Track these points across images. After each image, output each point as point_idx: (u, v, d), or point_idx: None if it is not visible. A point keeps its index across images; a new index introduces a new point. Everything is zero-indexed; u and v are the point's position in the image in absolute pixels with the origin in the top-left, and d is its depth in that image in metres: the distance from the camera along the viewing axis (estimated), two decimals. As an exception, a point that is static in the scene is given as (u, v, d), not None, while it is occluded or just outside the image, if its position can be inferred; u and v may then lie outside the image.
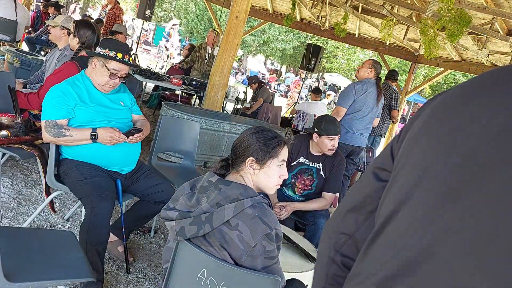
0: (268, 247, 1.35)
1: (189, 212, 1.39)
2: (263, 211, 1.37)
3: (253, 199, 1.38)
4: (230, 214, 1.33)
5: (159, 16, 25.16)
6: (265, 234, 1.34)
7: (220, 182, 1.43)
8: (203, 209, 1.37)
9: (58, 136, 2.16)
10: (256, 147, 1.51)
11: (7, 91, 2.65)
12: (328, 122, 2.78)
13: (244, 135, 1.55)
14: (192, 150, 3.21)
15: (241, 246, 1.33)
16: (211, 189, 1.41)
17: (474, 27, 5.15)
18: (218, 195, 1.38)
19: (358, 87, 3.85)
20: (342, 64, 23.50)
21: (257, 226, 1.33)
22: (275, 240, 1.38)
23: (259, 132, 1.56)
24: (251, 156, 1.51)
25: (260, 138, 1.53)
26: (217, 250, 1.36)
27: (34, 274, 1.48)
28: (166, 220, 1.45)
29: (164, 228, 3.07)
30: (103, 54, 2.26)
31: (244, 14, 4.79)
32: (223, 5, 8.68)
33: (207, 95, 5.03)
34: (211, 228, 1.34)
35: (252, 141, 1.52)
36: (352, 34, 9.05)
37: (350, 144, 3.95)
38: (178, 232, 1.38)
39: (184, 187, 1.49)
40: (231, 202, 1.36)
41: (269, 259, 1.36)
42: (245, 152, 1.51)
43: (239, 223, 1.33)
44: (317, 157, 2.87)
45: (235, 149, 1.54)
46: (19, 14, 6.16)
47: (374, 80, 3.93)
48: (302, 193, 2.89)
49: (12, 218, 2.57)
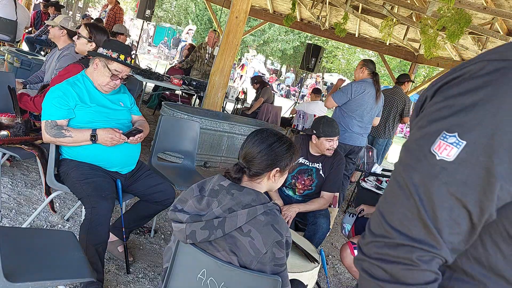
0: (278, 254, 1.35)
1: (200, 216, 1.38)
2: (275, 218, 1.37)
3: (265, 205, 1.37)
4: (243, 220, 1.33)
5: (159, 16, 25.16)
6: (276, 242, 1.34)
7: (232, 187, 1.41)
8: (215, 213, 1.36)
9: (58, 136, 2.16)
10: (282, 157, 1.50)
11: (7, 91, 2.66)
12: (327, 124, 2.78)
13: (265, 145, 1.48)
14: (192, 150, 3.21)
15: (252, 252, 1.32)
16: (222, 193, 1.40)
17: (474, 27, 5.15)
18: (231, 200, 1.37)
19: (356, 87, 3.91)
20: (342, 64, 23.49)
21: (269, 233, 1.33)
22: (285, 247, 1.38)
23: (280, 139, 1.52)
24: (278, 167, 1.50)
25: (283, 147, 1.51)
26: (223, 255, 1.35)
27: (34, 274, 1.48)
28: (174, 222, 1.42)
29: (164, 228, 3.07)
30: (106, 54, 2.26)
31: (244, 14, 4.79)
32: (223, 5, 8.69)
33: (207, 95, 5.03)
34: (222, 234, 1.33)
35: (279, 151, 1.49)
36: (352, 34, 9.05)
37: (348, 143, 3.96)
38: (189, 235, 1.36)
39: (193, 189, 1.47)
40: (243, 208, 1.35)
41: (278, 266, 1.36)
42: (274, 164, 1.48)
43: (251, 230, 1.33)
44: (317, 157, 2.88)
45: (259, 162, 1.47)
46: (19, 14, 6.17)
47: (371, 80, 3.98)
48: (302, 193, 2.89)
49: (12, 218, 2.57)
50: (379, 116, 4.20)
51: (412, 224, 0.68)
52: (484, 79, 0.66)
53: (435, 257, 0.68)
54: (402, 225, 0.69)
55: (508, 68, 0.65)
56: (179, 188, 2.76)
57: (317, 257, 2.15)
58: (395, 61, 17.91)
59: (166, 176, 2.81)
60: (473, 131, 0.64)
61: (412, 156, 0.71)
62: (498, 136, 0.63)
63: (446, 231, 0.67)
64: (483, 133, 0.64)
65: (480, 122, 0.64)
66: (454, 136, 0.66)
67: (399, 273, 0.68)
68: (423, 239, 0.67)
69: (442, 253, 0.68)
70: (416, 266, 0.67)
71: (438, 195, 0.66)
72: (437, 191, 0.66)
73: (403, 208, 0.69)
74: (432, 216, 0.67)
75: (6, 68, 4.85)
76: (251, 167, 1.47)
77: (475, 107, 0.65)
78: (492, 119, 0.63)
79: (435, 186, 0.66)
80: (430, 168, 0.67)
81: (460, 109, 0.66)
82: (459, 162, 0.65)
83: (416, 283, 0.68)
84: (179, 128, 3.21)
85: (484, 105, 0.64)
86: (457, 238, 0.68)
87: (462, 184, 0.65)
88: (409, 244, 0.68)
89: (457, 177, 0.65)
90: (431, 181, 0.67)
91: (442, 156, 0.66)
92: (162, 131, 3.03)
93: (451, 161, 0.65)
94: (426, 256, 0.67)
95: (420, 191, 0.68)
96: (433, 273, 0.68)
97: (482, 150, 0.64)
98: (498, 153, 0.63)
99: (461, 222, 0.67)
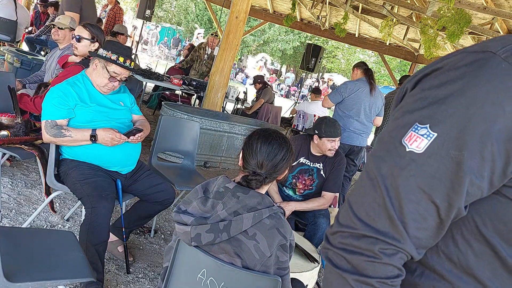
0: (281, 257, 1.35)
1: (205, 218, 1.37)
2: (280, 222, 1.37)
3: (270, 209, 1.37)
4: (248, 224, 1.33)
5: (159, 16, 25.16)
6: (280, 245, 1.34)
7: (238, 189, 1.40)
8: (220, 216, 1.35)
9: (58, 136, 2.16)
10: (291, 157, 1.51)
11: (7, 91, 2.66)
12: (329, 125, 2.79)
13: (279, 149, 1.46)
14: (192, 150, 3.21)
15: (257, 256, 1.32)
16: (227, 196, 1.38)
17: (474, 27, 5.16)
18: (236, 203, 1.36)
19: (350, 85, 3.99)
20: (342, 64, 23.50)
21: (274, 237, 1.33)
22: (288, 250, 1.38)
23: (287, 141, 1.51)
24: (288, 168, 1.51)
25: (290, 147, 1.50)
26: (226, 256, 1.35)
27: (34, 274, 1.48)
28: (178, 224, 1.41)
29: (164, 228, 3.07)
30: (105, 56, 2.26)
31: (244, 14, 4.79)
32: (223, 5, 8.69)
33: (207, 95, 5.03)
34: (228, 237, 1.33)
35: (288, 154, 1.49)
36: (352, 34, 9.05)
37: (346, 143, 3.97)
38: (194, 238, 1.35)
39: (197, 190, 1.45)
40: (248, 211, 1.34)
41: (281, 269, 1.36)
42: (284, 166, 1.48)
43: (257, 233, 1.33)
44: (318, 157, 2.88)
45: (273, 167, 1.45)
46: (19, 14, 6.17)
47: (365, 78, 4.05)
48: (302, 193, 2.89)
49: (12, 218, 2.57)
50: (380, 115, 4.20)
51: (378, 216, 0.66)
52: (460, 71, 0.64)
53: (399, 251, 0.66)
54: (367, 216, 0.67)
55: (486, 59, 0.63)
56: (179, 188, 2.76)
57: (317, 257, 2.15)
58: (395, 61, 17.92)
59: (166, 176, 2.81)
60: (444, 123, 0.63)
61: (383, 147, 0.69)
62: (469, 129, 0.61)
63: (412, 225, 0.65)
64: (455, 125, 0.62)
65: (452, 114, 0.62)
66: (426, 127, 0.64)
67: (361, 264, 0.67)
68: (387, 232, 0.66)
69: (405, 247, 0.66)
70: (378, 258, 0.66)
71: (405, 188, 0.65)
72: (404, 183, 0.65)
73: (370, 199, 0.68)
74: (398, 208, 0.65)
75: (6, 68, 4.85)
76: (274, 175, 1.46)
77: (448, 99, 0.63)
78: (465, 111, 0.61)
79: (402, 178, 0.65)
80: (399, 159, 0.66)
81: (434, 101, 0.65)
82: (428, 154, 0.63)
83: (376, 276, 0.66)
84: (179, 128, 3.21)
85: (457, 97, 0.62)
86: (424, 234, 0.66)
87: (430, 177, 0.63)
88: (373, 235, 0.66)
89: (426, 170, 0.64)
90: (399, 173, 0.65)
91: (412, 148, 0.65)
92: (162, 131, 3.03)
93: (420, 153, 0.64)
94: (389, 249, 0.66)
95: (388, 182, 0.66)
96: (395, 268, 0.67)
97: (453, 143, 0.62)
98: (468, 146, 0.61)
99: (428, 217, 0.65)
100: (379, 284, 0.66)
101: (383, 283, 0.66)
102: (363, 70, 4.09)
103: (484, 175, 0.62)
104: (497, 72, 0.61)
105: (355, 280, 0.67)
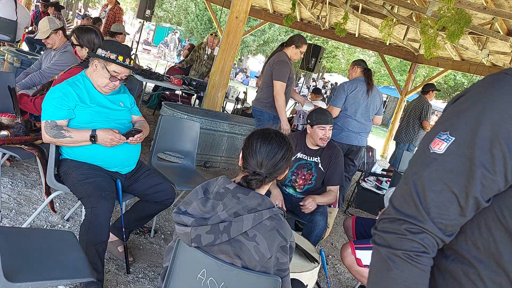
0: (281, 259, 1.35)
1: (205, 219, 1.36)
2: (280, 223, 1.37)
3: (271, 210, 1.37)
4: (249, 225, 1.32)
5: (159, 16, 25.14)
6: (280, 247, 1.34)
7: (238, 190, 1.39)
8: (221, 217, 1.34)
9: (58, 137, 2.16)
10: (291, 156, 1.51)
11: (7, 91, 2.66)
12: (319, 113, 2.89)
13: (279, 148, 1.46)
14: (192, 150, 3.21)
15: (257, 257, 1.32)
16: (228, 196, 1.37)
17: (474, 27, 5.15)
18: (237, 204, 1.35)
19: (347, 85, 3.99)
20: (342, 64, 23.49)
21: (274, 238, 1.33)
22: (288, 252, 1.38)
23: (287, 140, 1.50)
24: (288, 168, 1.51)
25: (290, 147, 1.50)
26: (226, 257, 1.34)
27: (34, 274, 1.48)
28: (178, 225, 1.40)
29: (164, 228, 3.07)
30: (104, 56, 2.26)
31: (244, 14, 4.79)
32: (223, 5, 8.69)
33: (207, 95, 5.03)
34: (228, 238, 1.32)
35: (287, 153, 1.48)
36: (352, 34, 9.05)
37: (345, 142, 3.96)
38: (194, 239, 1.34)
39: (197, 191, 1.44)
40: (249, 212, 1.34)
41: (281, 271, 1.36)
42: (284, 165, 1.48)
43: (257, 234, 1.33)
44: (314, 150, 2.94)
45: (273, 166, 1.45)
46: (19, 14, 6.16)
47: (363, 77, 4.05)
48: (302, 189, 2.92)
49: (12, 218, 2.57)
50: (379, 114, 4.20)
51: (407, 204, 0.84)
52: (477, 89, 0.82)
53: (422, 231, 0.82)
54: (400, 205, 0.85)
55: (499, 79, 0.79)
56: (179, 188, 2.76)
57: (317, 257, 2.15)
58: (395, 61, 17.90)
59: (166, 176, 2.81)
60: (460, 129, 0.80)
61: (416, 153, 0.88)
62: (479, 132, 0.77)
63: (435, 211, 0.81)
64: (468, 130, 0.79)
65: (467, 122, 0.80)
66: (446, 134, 0.82)
67: (392, 241, 0.84)
68: (414, 216, 0.82)
69: (427, 227, 0.81)
70: (404, 235, 0.82)
71: (429, 181, 0.81)
72: (428, 176, 0.82)
73: (402, 192, 0.86)
74: (423, 197, 0.82)
75: (6, 68, 4.85)
76: (274, 174, 1.46)
77: (463, 112, 0.81)
78: (476, 118, 0.78)
79: (427, 173, 0.82)
80: (424, 159, 0.84)
81: (454, 114, 0.83)
82: (447, 154, 0.80)
83: (402, 248, 0.82)
84: (179, 128, 3.21)
85: (472, 108, 0.80)
86: (447, 219, 0.81)
87: (449, 171, 0.80)
88: (402, 218, 0.84)
89: (446, 166, 0.80)
90: (424, 169, 0.83)
91: (435, 150, 0.82)
92: (162, 131, 3.03)
93: (441, 153, 0.81)
94: (414, 228, 0.82)
95: (415, 178, 0.84)
96: (420, 244, 0.82)
97: (467, 144, 0.78)
98: (479, 146, 0.77)
99: (449, 205, 0.80)
100: (404, 255, 0.82)
101: (407, 255, 0.82)
102: (362, 69, 4.08)
103: (496, 170, 0.77)
104: (506, 86, 0.78)
105: (387, 251, 0.84)
